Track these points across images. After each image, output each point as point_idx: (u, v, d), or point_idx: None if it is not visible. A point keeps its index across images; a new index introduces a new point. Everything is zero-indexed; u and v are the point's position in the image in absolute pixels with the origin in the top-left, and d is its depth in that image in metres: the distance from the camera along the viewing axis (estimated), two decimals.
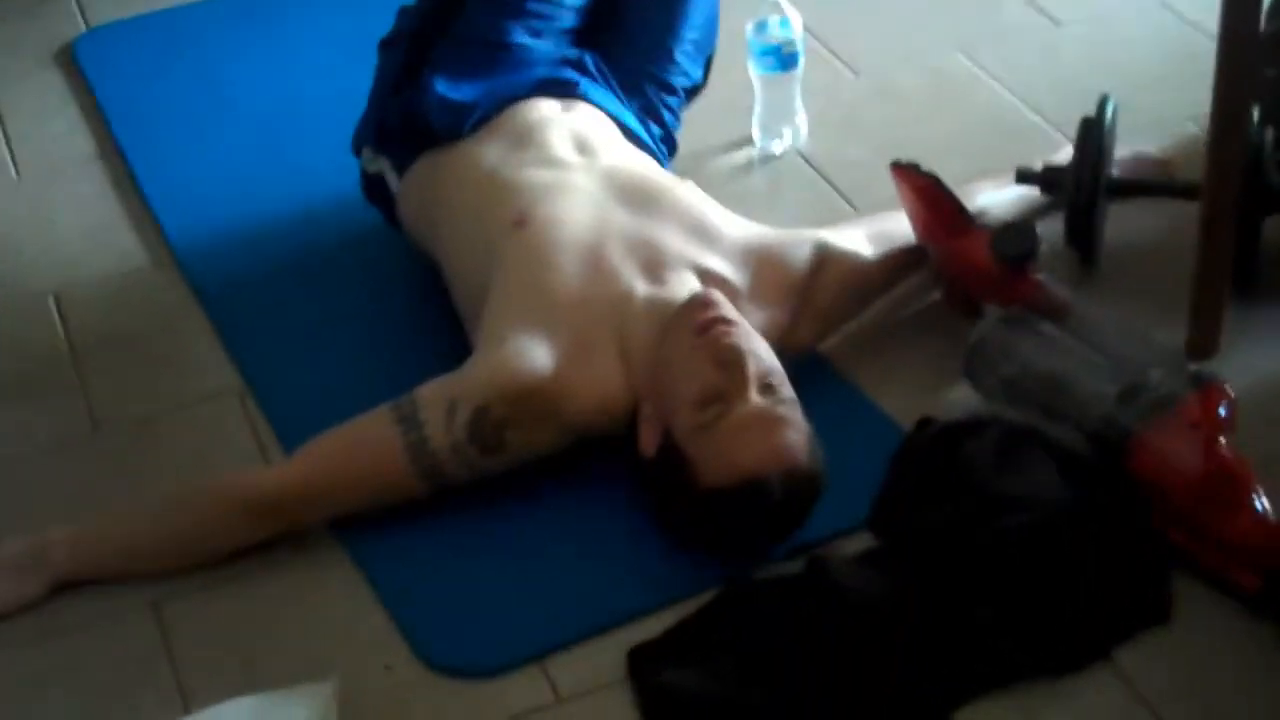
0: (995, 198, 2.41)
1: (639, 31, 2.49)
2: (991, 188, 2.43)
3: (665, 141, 2.46)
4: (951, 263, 2.25)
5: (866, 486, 2.02)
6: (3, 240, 2.61)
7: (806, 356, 2.19)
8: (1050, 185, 2.39)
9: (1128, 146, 2.47)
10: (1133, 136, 2.48)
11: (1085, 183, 2.30)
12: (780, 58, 2.58)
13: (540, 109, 2.33)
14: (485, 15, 2.40)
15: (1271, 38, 2.29)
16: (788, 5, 2.58)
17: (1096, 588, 1.91)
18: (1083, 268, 2.36)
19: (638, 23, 2.49)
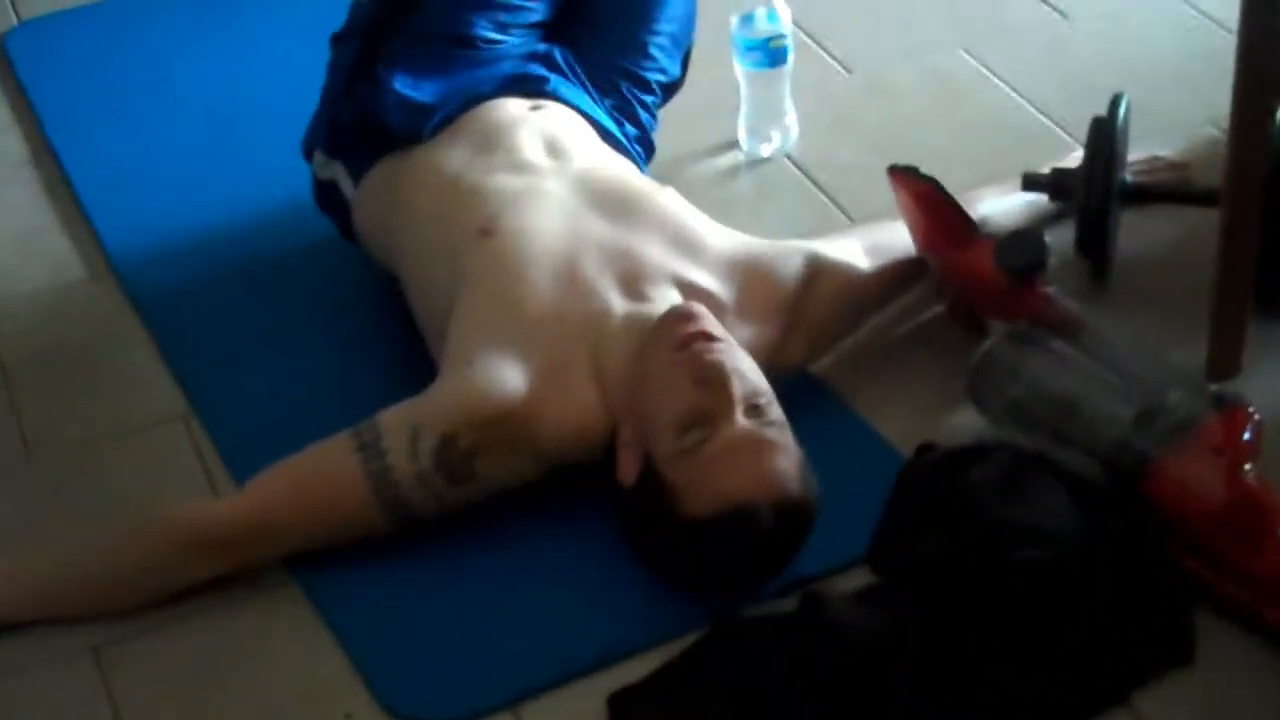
0: (1000, 205, 2.42)
1: (611, 24, 2.49)
2: (996, 194, 2.43)
3: (641, 143, 2.46)
4: (953, 275, 2.25)
5: (864, 518, 2.02)
6: None
7: (797, 377, 2.19)
8: (1059, 191, 2.40)
9: (1142, 149, 2.48)
10: (1147, 139, 2.50)
11: (1096, 188, 2.31)
12: (768, 53, 2.58)
13: (507, 109, 2.33)
14: (447, 8, 2.40)
15: None
16: None
17: (1113, 627, 1.91)
18: (1094, 280, 2.37)
19: (609, 14, 2.50)
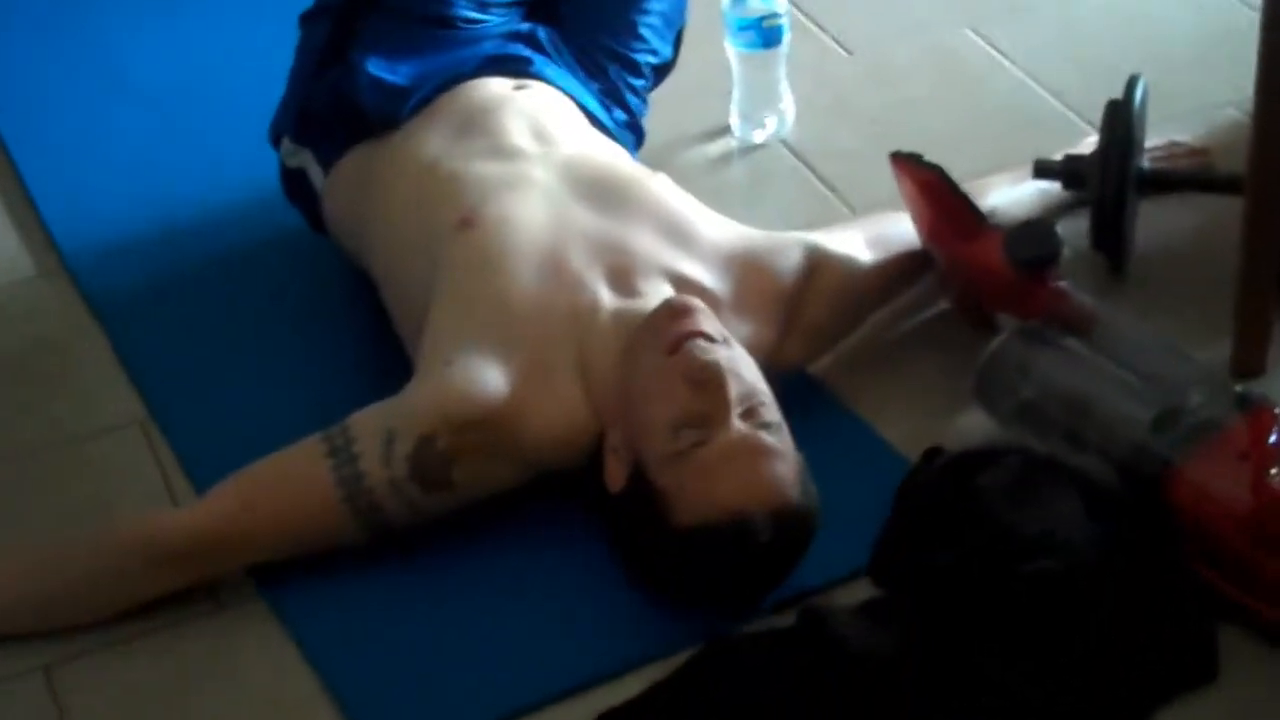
0: (1010, 194, 2.42)
1: (598, 2, 2.49)
2: (1005, 183, 2.44)
3: (631, 128, 2.47)
4: (961, 269, 2.25)
5: (867, 527, 2.02)
6: None
7: (796, 377, 2.20)
8: (1072, 180, 2.40)
9: (1160, 135, 2.48)
10: (1166, 123, 2.50)
11: (1112, 176, 2.31)
12: (762, 33, 2.59)
13: (489, 88, 2.33)
14: None
15: None
16: None
17: (1129, 641, 1.91)
18: (1110, 273, 2.37)
19: None
